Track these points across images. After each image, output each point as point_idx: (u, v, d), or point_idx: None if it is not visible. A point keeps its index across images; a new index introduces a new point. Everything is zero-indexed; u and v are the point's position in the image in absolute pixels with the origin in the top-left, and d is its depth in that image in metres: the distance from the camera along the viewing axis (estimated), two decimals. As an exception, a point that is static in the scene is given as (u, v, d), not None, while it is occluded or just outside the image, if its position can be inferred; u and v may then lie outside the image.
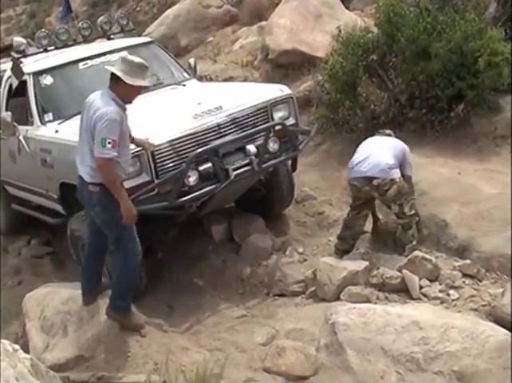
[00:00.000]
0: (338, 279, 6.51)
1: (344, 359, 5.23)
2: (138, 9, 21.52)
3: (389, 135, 7.46)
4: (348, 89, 9.30)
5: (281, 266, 7.43)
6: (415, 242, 6.97)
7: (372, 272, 6.57)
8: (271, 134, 7.32)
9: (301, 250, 7.85)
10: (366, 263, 6.67)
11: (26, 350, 6.07)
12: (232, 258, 7.89)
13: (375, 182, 6.89)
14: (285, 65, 12.09)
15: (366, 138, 7.64)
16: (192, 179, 6.81)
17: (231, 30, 15.80)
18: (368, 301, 6.22)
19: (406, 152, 7.21)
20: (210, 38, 15.77)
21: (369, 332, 5.28)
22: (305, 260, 7.57)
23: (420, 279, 6.29)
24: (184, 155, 6.84)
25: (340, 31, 9.71)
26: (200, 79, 11.95)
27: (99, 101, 5.78)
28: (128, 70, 5.79)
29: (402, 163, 7.06)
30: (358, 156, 7.20)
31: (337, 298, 6.45)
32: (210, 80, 12.67)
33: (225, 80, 12.40)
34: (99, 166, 5.66)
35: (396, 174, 6.91)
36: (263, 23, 13.64)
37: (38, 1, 33.38)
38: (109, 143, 5.55)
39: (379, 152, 7.08)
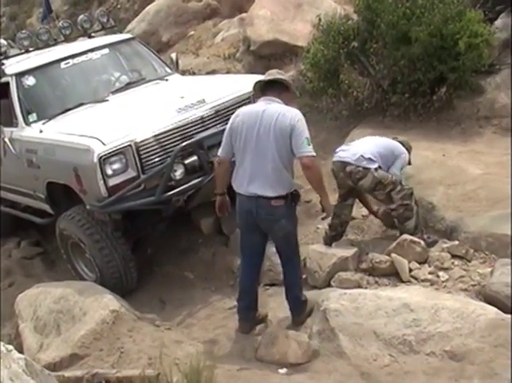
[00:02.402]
0: (328, 266, 6.54)
1: (336, 345, 5.27)
2: (118, 6, 21.43)
3: (401, 142, 7.36)
4: (330, 77, 9.29)
5: (271, 255, 7.38)
6: (419, 235, 6.74)
7: (362, 257, 6.60)
8: None
9: (289, 238, 7.86)
10: (355, 249, 6.70)
11: (20, 351, 6.08)
12: (221, 250, 7.92)
13: (348, 168, 6.86)
14: (267, 56, 12.06)
15: (350, 125, 7.63)
16: (178, 172, 6.85)
17: (212, 23, 15.77)
18: (359, 286, 6.23)
19: (400, 158, 7.06)
20: (192, 32, 15.73)
21: (361, 316, 5.32)
22: (295, 248, 7.58)
23: (409, 262, 6.29)
24: (169, 150, 6.87)
25: (320, 20, 9.70)
26: (183, 73, 11.96)
27: (278, 108, 5.53)
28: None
29: (390, 166, 7.02)
30: (345, 145, 7.26)
31: (328, 285, 6.48)
32: (193, 74, 12.65)
33: (208, 73, 12.39)
34: (310, 166, 5.49)
35: (370, 165, 6.79)
36: (244, 15, 13.61)
37: (18, 3, 33.17)
38: (310, 141, 5.48)
39: (362, 144, 7.09)
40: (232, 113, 7.15)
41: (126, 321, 6.35)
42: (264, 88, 5.71)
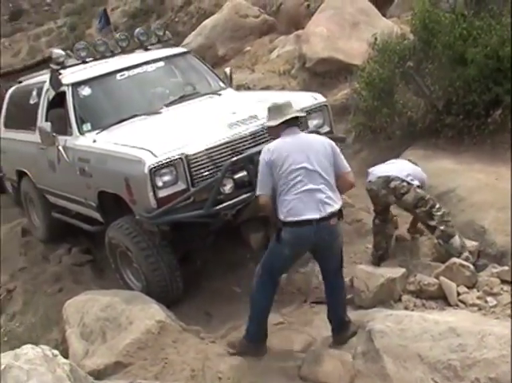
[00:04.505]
0: (375, 286, 6.47)
1: (380, 366, 5.22)
2: (177, 19, 21.72)
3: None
4: (384, 96, 9.27)
5: (318, 273, 7.37)
6: (466, 253, 6.72)
7: (409, 279, 6.53)
8: None
9: (338, 257, 7.84)
10: (403, 270, 6.62)
11: (66, 356, 6.17)
12: (269, 265, 7.88)
13: (392, 184, 6.90)
14: (322, 74, 12.12)
15: (403, 145, 7.62)
16: (228, 187, 6.86)
17: (268, 39, 15.88)
18: (406, 308, 6.19)
19: (424, 183, 7.20)
20: (248, 48, 15.86)
21: (406, 339, 5.26)
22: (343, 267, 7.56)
23: (458, 286, 6.22)
24: (220, 164, 6.90)
25: (376, 39, 9.69)
26: (238, 88, 12.04)
27: (309, 135, 6.20)
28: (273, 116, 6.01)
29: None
30: (380, 165, 7.37)
31: (374, 305, 6.43)
32: (248, 89, 12.71)
33: (262, 89, 12.43)
34: (353, 180, 6.13)
35: (414, 182, 6.92)
36: (300, 32, 13.68)
37: (79, 14, 33.90)
38: None
39: (401, 163, 7.29)
40: None
41: (171, 332, 6.40)
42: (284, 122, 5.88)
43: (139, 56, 9.23)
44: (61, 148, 8.22)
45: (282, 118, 5.83)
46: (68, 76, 8.69)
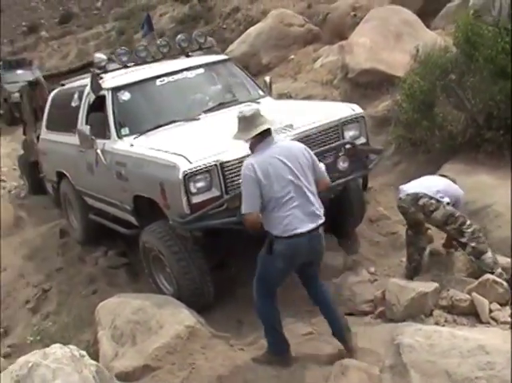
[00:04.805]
0: (406, 300, 6.42)
1: (407, 381, 5.12)
2: (224, 26, 21.86)
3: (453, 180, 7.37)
4: (425, 109, 9.20)
5: (351, 284, 7.41)
6: (499, 270, 6.65)
7: (442, 294, 6.47)
8: (341, 153, 7.31)
9: (372, 269, 7.81)
10: (436, 285, 6.56)
11: (96, 358, 6.26)
12: (302, 275, 7.87)
13: (420, 201, 6.87)
14: (364, 84, 12.08)
15: (442, 159, 7.57)
16: None
17: (313, 49, 15.90)
18: (436, 323, 6.13)
19: (459, 200, 7.13)
20: (292, 56, 15.88)
21: (434, 354, 5.19)
22: (376, 280, 7.52)
23: (490, 303, 6.16)
24: None
25: (418, 50, 9.63)
26: (280, 97, 12.06)
27: (287, 144, 6.14)
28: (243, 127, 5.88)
29: (454, 206, 6.97)
30: (411, 182, 7.32)
31: (405, 319, 6.38)
32: (290, 98, 12.71)
33: (304, 98, 12.43)
34: (329, 182, 6.26)
35: (443, 199, 6.86)
36: (344, 42, 13.65)
37: (127, 19, 34.33)
38: None
39: (432, 179, 7.23)
40: (319, 140, 7.22)
41: (200, 337, 6.45)
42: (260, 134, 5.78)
43: (179, 62, 9.28)
44: (99, 151, 8.31)
45: (254, 130, 5.74)
46: (109, 80, 8.79)
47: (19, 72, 26.75)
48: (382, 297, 6.84)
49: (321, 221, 5.78)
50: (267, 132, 5.80)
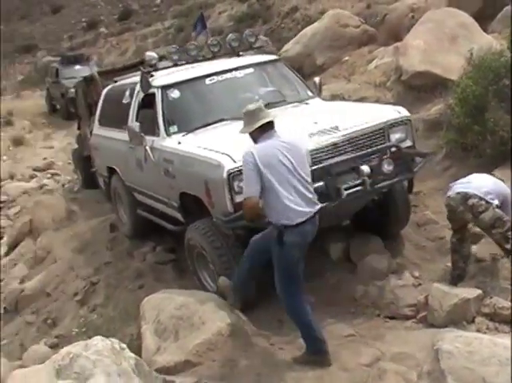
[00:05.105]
0: (449, 306, 6.40)
1: (444, 388, 5.13)
2: (282, 25, 21.86)
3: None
4: (477, 114, 9.10)
5: (395, 288, 7.38)
6: None
7: (485, 301, 6.41)
8: (386, 155, 7.28)
9: (417, 274, 7.76)
10: (479, 292, 6.51)
11: (139, 351, 6.35)
12: (347, 277, 7.89)
13: (470, 201, 6.79)
14: (418, 87, 12.00)
15: (493, 165, 7.48)
16: None
17: (368, 50, 15.82)
18: (478, 330, 6.07)
19: (507, 199, 7.00)
20: (346, 57, 15.83)
21: (473, 362, 5.13)
22: (420, 284, 7.48)
23: (534, 312, 6.09)
24: None
25: (471, 54, 9.53)
26: (332, 98, 12.03)
27: (287, 136, 6.16)
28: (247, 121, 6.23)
29: (502, 205, 6.88)
30: (461, 179, 7.21)
31: (446, 325, 6.34)
32: (343, 99, 12.67)
33: (357, 100, 12.37)
34: None
35: (493, 201, 6.76)
36: (399, 44, 13.56)
37: (186, 16, 34.58)
38: None
39: (482, 178, 7.07)
40: (364, 142, 7.24)
41: (241, 335, 6.51)
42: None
43: (229, 61, 9.34)
44: (148, 148, 8.40)
45: (256, 124, 6.04)
46: (159, 78, 8.88)
47: (77, 67, 27.12)
48: (425, 301, 6.81)
49: (318, 207, 6.06)
50: (269, 126, 6.06)
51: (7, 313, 11.50)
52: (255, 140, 6.09)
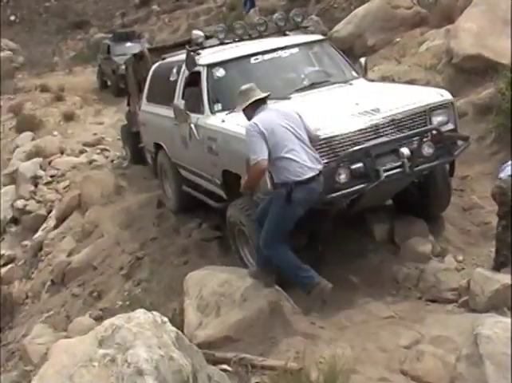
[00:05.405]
0: (490, 291, 6.39)
1: (482, 372, 5.10)
2: (335, 5, 21.65)
3: None
4: (527, 98, 8.99)
5: (438, 272, 7.38)
6: None
7: (527, 287, 6.37)
8: (426, 138, 7.28)
9: (460, 258, 7.75)
10: (522, 278, 6.49)
11: (182, 326, 6.46)
12: (390, 258, 7.89)
13: None
14: (469, 70, 11.81)
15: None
16: (343, 176, 6.93)
17: (419, 32, 15.60)
18: (518, 315, 6.06)
19: None
20: (397, 39, 15.64)
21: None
22: (463, 269, 7.48)
23: None
24: (339, 153, 7.00)
25: (523, 38, 9.40)
26: (382, 80, 11.96)
27: (283, 108, 6.93)
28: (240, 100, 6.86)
29: None
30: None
31: (488, 310, 6.31)
32: (392, 81, 12.57)
33: (406, 82, 12.26)
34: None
35: None
36: (450, 26, 13.37)
37: (237, -5, 34.36)
38: None
39: None
40: (406, 124, 7.31)
41: (282, 313, 6.57)
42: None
43: (275, 41, 9.37)
44: (192, 125, 8.54)
45: (247, 101, 6.65)
46: (205, 57, 8.97)
47: (128, 44, 27.24)
48: (467, 286, 6.80)
49: (321, 166, 6.56)
50: (261, 102, 6.70)
51: (54, 286, 11.79)
52: (249, 117, 6.68)
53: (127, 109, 15.81)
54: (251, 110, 6.68)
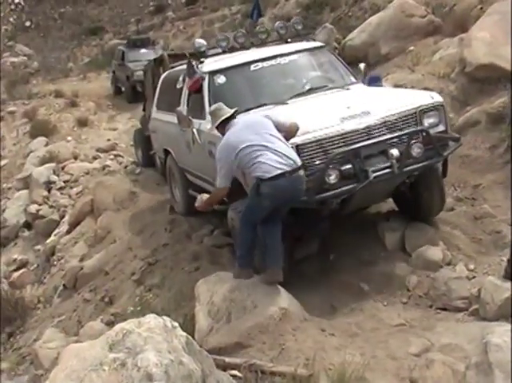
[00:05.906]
0: (500, 300, 6.36)
1: (491, 380, 5.10)
2: (350, 14, 21.67)
3: None
4: (540, 108, 8.99)
5: (448, 280, 7.37)
6: None
7: (538, 296, 6.35)
8: (415, 139, 7.44)
9: (471, 266, 7.73)
10: (532, 287, 6.46)
11: (193, 331, 6.49)
12: (401, 267, 7.89)
13: None
14: (482, 79, 11.83)
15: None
16: (332, 177, 7.12)
17: (433, 41, 15.61)
18: (529, 324, 6.03)
19: None
20: (411, 47, 15.65)
21: (521, 356, 5.15)
22: (474, 277, 7.44)
23: None
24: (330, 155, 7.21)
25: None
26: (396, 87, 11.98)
27: (248, 117, 7.57)
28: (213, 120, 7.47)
29: None
30: None
31: (498, 319, 6.30)
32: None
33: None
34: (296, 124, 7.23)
35: None
36: (464, 35, 13.38)
37: (251, 2, 34.42)
38: None
39: None
40: (396, 127, 7.54)
41: (293, 320, 6.56)
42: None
43: (274, 48, 9.63)
44: (195, 130, 8.78)
45: (217, 121, 7.29)
46: (207, 64, 9.25)
47: (142, 51, 27.38)
48: (477, 295, 6.78)
49: (296, 166, 6.76)
50: (230, 118, 7.24)
51: (66, 290, 11.83)
52: (222, 134, 7.21)
53: (142, 114, 15.91)
54: (222, 128, 7.28)
